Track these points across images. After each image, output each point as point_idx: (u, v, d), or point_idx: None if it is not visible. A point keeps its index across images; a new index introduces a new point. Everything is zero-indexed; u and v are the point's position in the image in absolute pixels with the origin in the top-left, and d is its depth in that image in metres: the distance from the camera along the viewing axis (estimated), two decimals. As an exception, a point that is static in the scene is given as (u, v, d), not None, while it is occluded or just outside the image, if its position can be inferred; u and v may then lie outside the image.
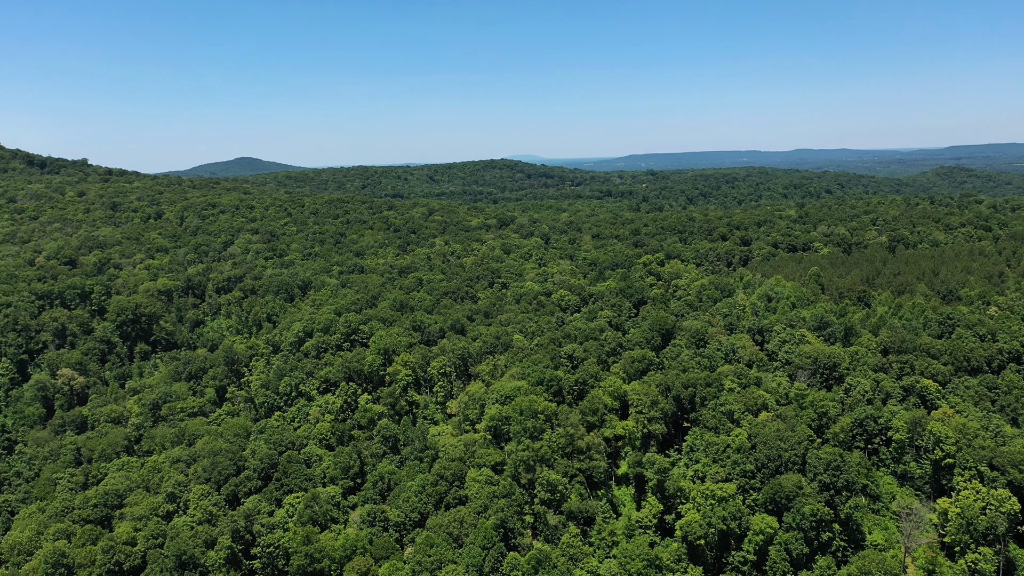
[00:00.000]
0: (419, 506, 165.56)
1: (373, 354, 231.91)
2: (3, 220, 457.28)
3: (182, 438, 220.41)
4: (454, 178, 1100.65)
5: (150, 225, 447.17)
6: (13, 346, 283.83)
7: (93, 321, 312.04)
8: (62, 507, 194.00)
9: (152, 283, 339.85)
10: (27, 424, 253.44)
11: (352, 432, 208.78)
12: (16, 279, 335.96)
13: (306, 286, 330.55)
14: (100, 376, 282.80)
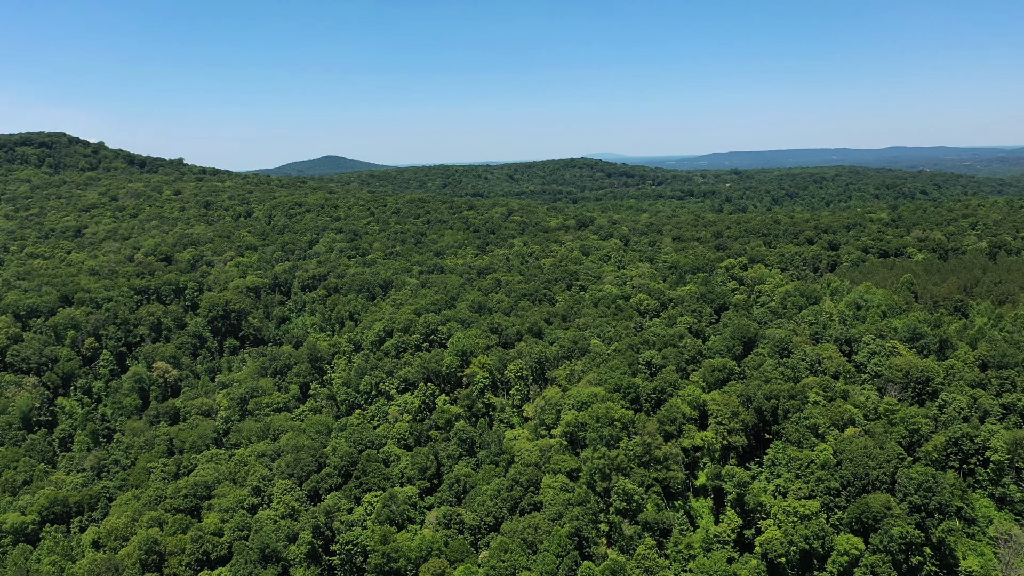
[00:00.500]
0: (494, 510, 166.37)
1: (451, 355, 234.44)
2: (106, 218, 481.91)
3: (267, 433, 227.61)
4: (534, 177, 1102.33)
5: (240, 223, 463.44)
6: (113, 339, 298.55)
7: (186, 316, 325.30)
8: (155, 496, 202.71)
9: (241, 280, 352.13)
10: (125, 414, 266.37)
11: (430, 433, 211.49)
12: (117, 275, 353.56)
13: (387, 285, 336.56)
14: (192, 369, 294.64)
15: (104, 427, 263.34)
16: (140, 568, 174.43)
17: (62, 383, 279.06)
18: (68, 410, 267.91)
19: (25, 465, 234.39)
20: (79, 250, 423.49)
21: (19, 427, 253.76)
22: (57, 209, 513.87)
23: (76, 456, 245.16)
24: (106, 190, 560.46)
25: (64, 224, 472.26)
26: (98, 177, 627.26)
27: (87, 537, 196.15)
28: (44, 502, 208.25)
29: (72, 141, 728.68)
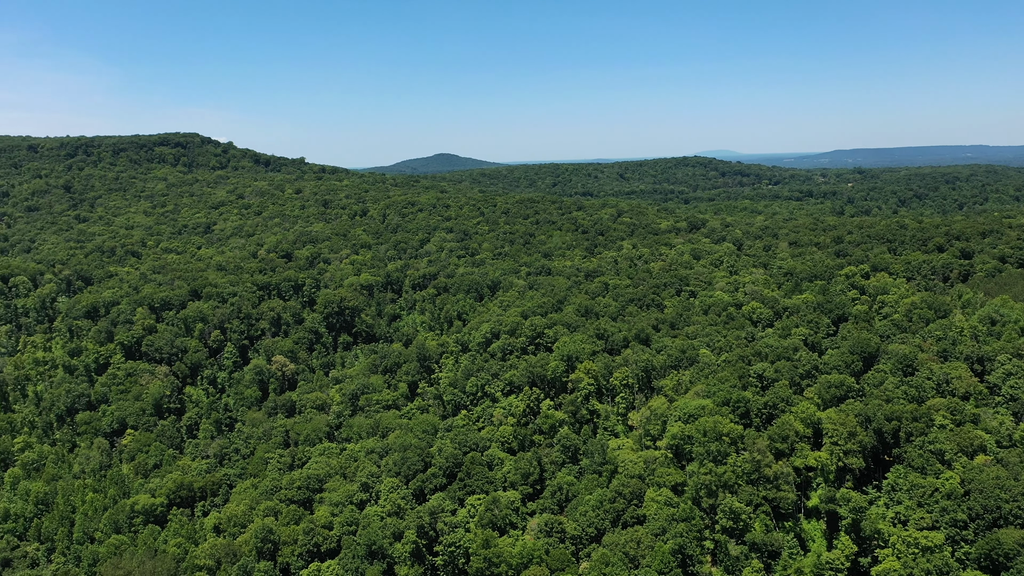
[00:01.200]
0: (596, 521, 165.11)
1: (556, 360, 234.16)
2: (233, 215, 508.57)
3: (376, 429, 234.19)
4: (644, 176, 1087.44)
5: (356, 222, 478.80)
6: (237, 332, 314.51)
7: (304, 312, 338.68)
8: (271, 486, 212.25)
9: (356, 278, 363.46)
10: (246, 405, 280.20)
11: (533, 438, 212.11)
12: (241, 271, 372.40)
13: (495, 286, 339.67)
14: (308, 364, 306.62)
15: (227, 416, 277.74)
16: (256, 555, 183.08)
17: (190, 373, 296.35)
18: (195, 399, 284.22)
19: (156, 450, 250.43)
20: (208, 246, 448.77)
21: (151, 413, 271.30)
22: (189, 206, 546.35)
23: (201, 443, 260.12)
24: (234, 188, 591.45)
25: (195, 221, 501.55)
26: (227, 176, 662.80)
27: (209, 521, 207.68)
28: (172, 486, 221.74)
29: (204, 141, 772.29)
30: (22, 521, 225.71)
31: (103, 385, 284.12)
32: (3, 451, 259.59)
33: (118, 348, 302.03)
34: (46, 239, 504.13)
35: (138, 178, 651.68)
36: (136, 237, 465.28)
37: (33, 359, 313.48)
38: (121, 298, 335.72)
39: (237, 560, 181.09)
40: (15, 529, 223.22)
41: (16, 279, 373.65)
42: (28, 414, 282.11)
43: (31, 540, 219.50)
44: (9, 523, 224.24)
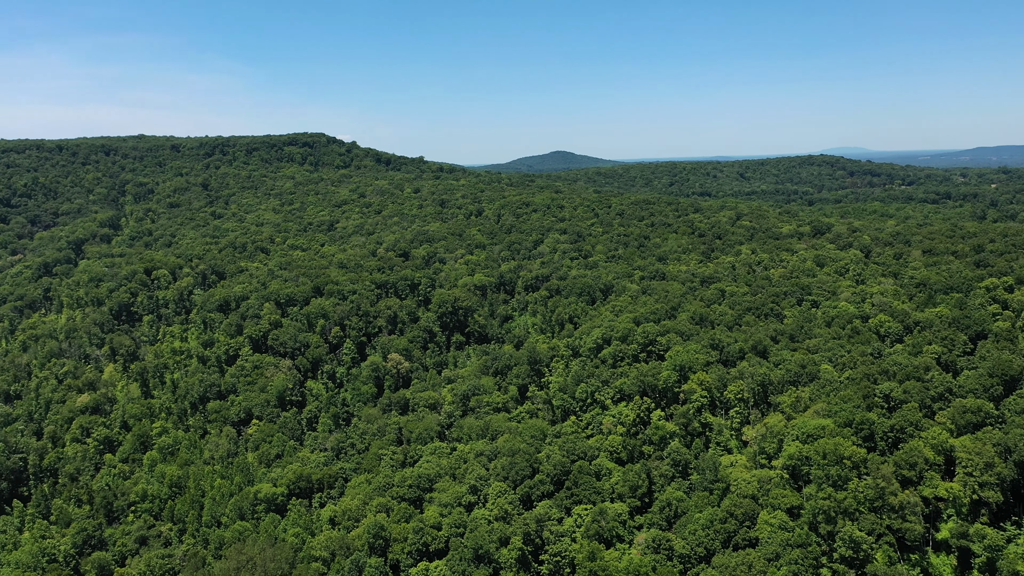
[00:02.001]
0: (706, 541, 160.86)
1: (669, 369, 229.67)
2: (355, 213, 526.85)
3: (486, 432, 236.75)
4: (766, 175, 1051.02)
5: (471, 222, 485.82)
6: (356, 329, 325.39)
7: (419, 311, 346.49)
8: (384, 482, 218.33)
9: (469, 278, 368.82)
10: (362, 400, 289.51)
11: (643, 449, 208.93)
12: (361, 268, 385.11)
13: (607, 290, 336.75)
14: (422, 362, 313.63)
15: (344, 411, 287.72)
16: (368, 550, 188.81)
17: (311, 367, 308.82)
18: (315, 392, 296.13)
19: (278, 440, 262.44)
20: (331, 243, 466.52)
21: (275, 405, 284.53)
22: (315, 204, 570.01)
23: (320, 436, 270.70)
24: (356, 187, 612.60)
25: (320, 218, 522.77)
26: (350, 175, 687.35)
27: (325, 513, 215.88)
28: (292, 477, 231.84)
29: (330, 140, 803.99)
30: (158, 502, 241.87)
31: (232, 376, 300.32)
32: (143, 435, 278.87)
33: (246, 341, 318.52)
34: (185, 234, 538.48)
35: (268, 176, 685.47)
36: (265, 234, 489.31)
37: (171, 348, 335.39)
38: (250, 293, 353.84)
39: (350, 554, 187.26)
40: (151, 509, 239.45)
41: (158, 272, 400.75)
42: (165, 400, 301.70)
43: (165, 520, 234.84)
44: (146, 503, 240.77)
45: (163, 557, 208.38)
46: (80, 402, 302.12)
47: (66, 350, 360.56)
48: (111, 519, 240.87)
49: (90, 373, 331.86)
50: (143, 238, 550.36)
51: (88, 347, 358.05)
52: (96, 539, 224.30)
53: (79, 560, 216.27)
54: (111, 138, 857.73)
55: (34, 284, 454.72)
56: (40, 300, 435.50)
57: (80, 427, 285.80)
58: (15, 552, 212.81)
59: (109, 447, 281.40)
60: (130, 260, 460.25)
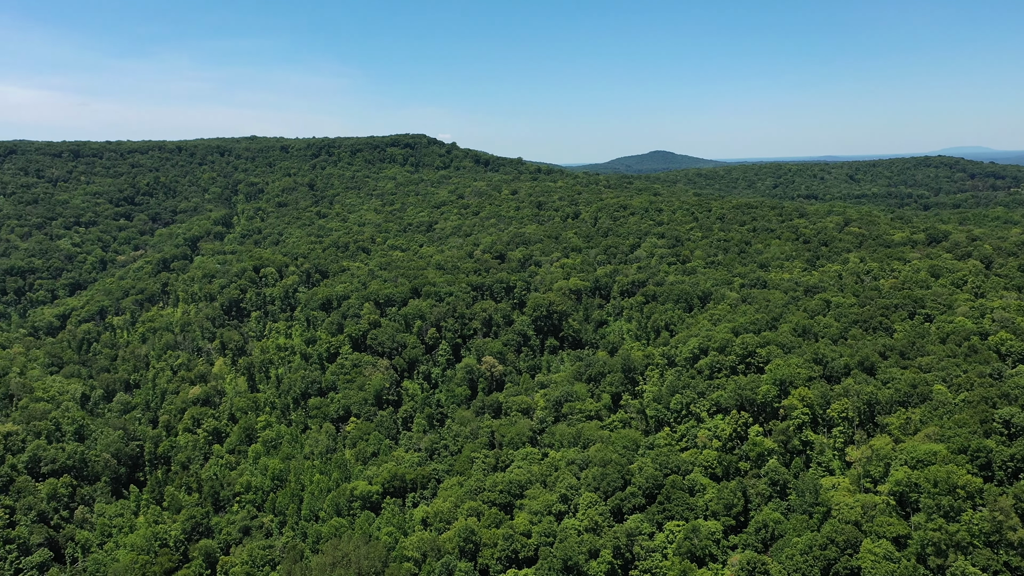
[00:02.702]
0: (804, 567, 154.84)
1: (768, 383, 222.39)
2: (453, 215, 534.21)
3: (578, 440, 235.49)
4: (878, 178, 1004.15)
5: (568, 224, 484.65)
6: (451, 331, 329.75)
7: (514, 314, 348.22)
8: (476, 486, 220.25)
9: (565, 282, 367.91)
10: (456, 402, 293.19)
11: (739, 465, 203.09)
12: (458, 270, 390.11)
13: (706, 297, 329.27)
14: (515, 366, 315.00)
15: (438, 412, 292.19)
16: (458, 554, 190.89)
17: (407, 367, 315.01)
18: (411, 392, 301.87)
19: (375, 439, 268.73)
20: (429, 244, 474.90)
21: (372, 403, 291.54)
22: (414, 205, 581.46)
23: (414, 436, 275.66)
24: (455, 188, 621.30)
25: (419, 219, 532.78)
26: (449, 176, 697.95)
27: (418, 514, 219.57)
28: (386, 475, 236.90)
29: (430, 142, 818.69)
30: (260, 494, 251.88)
31: (332, 374, 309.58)
32: (249, 427, 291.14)
33: (347, 340, 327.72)
34: (292, 232, 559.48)
35: (371, 177, 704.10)
36: (367, 234, 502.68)
37: (276, 345, 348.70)
38: (351, 292, 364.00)
39: (441, 557, 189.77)
40: (255, 500, 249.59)
41: (266, 270, 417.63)
42: (270, 395, 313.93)
43: (267, 512, 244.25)
44: (250, 494, 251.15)
45: (264, 548, 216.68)
46: (192, 394, 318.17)
47: (180, 343, 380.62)
48: (218, 508, 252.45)
49: (201, 366, 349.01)
50: (253, 236, 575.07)
51: (200, 341, 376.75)
52: (204, 527, 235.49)
53: (188, 546, 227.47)
54: (226, 139, 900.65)
55: (153, 279, 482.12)
56: (158, 294, 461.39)
57: (192, 418, 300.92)
58: (131, 535, 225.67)
59: (217, 438, 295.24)
60: (240, 258, 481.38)
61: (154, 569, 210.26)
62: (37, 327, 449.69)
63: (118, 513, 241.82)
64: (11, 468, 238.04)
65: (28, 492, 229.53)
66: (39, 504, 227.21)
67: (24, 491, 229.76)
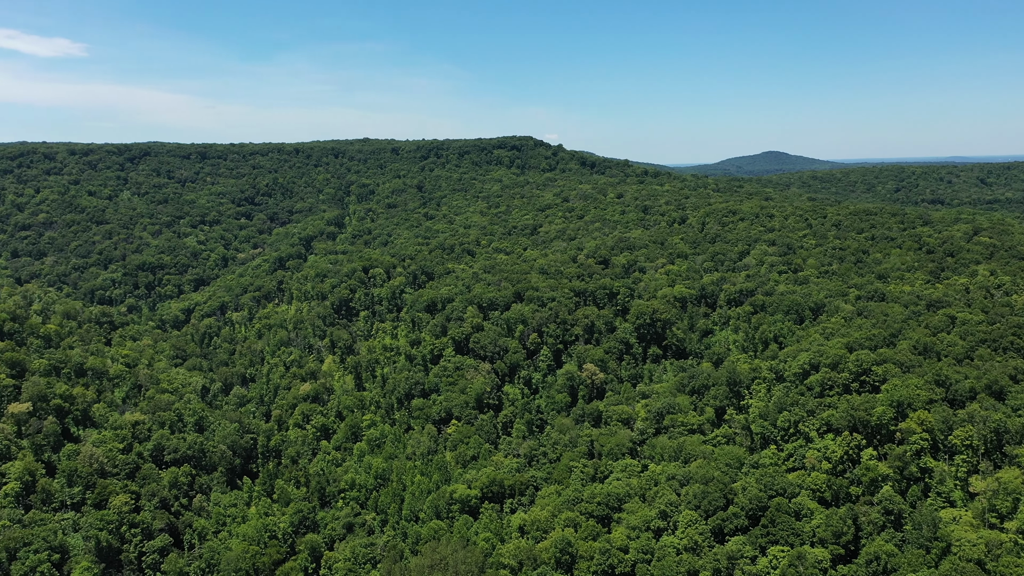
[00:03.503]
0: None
1: (884, 404, 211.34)
2: (557, 218, 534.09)
3: (679, 454, 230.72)
4: (1013, 181, 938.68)
5: (674, 230, 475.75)
6: (553, 336, 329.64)
7: (616, 321, 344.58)
8: (574, 496, 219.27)
9: (669, 289, 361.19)
10: (555, 409, 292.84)
11: (850, 490, 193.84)
12: (561, 275, 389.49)
13: (818, 309, 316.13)
14: (617, 374, 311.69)
15: (538, 418, 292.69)
16: (554, 564, 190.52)
17: (509, 372, 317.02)
18: (511, 397, 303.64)
19: (475, 442, 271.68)
20: (533, 247, 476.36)
21: (473, 406, 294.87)
22: (519, 208, 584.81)
23: (514, 441, 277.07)
24: (560, 191, 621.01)
25: (523, 222, 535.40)
26: (555, 178, 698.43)
27: (515, 521, 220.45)
28: (485, 480, 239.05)
29: (537, 144, 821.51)
30: (364, 491, 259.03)
31: (435, 376, 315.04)
32: (355, 425, 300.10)
33: (450, 342, 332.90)
34: (400, 233, 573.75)
35: (477, 179, 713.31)
36: (472, 236, 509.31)
37: (382, 345, 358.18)
38: (455, 295, 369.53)
39: (537, 566, 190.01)
40: (358, 498, 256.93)
41: (374, 271, 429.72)
42: (375, 394, 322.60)
43: (369, 510, 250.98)
44: (354, 491, 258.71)
45: (366, 546, 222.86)
46: (303, 390, 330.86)
47: (293, 340, 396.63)
48: (324, 503, 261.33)
49: (312, 363, 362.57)
50: (363, 236, 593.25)
51: (312, 338, 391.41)
52: (310, 521, 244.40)
53: (295, 539, 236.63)
54: (340, 141, 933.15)
55: (270, 276, 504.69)
56: (274, 291, 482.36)
57: (302, 413, 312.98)
58: (243, 525, 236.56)
59: (325, 434, 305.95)
60: (351, 258, 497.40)
61: (263, 560, 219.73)
62: (164, 320, 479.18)
63: (232, 503, 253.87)
64: (137, 456, 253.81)
65: (152, 479, 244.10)
66: (161, 491, 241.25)
67: (149, 478, 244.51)
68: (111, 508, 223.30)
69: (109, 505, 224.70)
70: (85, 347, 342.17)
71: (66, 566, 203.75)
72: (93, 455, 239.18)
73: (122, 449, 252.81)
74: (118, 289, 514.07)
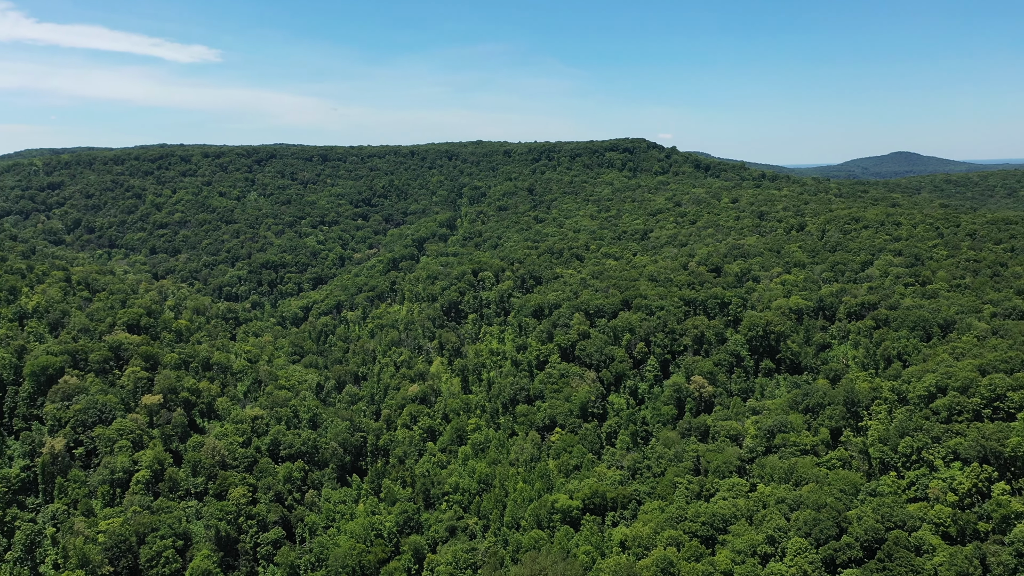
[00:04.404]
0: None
1: (1021, 435, 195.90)
2: (669, 223, 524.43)
3: (790, 476, 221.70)
4: None
5: (791, 237, 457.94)
6: (660, 346, 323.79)
7: (727, 331, 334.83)
8: (677, 513, 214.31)
9: (784, 300, 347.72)
10: (661, 421, 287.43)
11: (978, 526, 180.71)
12: (671, 283, 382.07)
13: (948, 326, 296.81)
14: (726, 387, 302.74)
15: (643, 429, 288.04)
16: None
17: (614, 381, 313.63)
18: (616, 407, 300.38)
19: (578, 452, 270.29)
20: (643, 253, 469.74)
21: (577, 415, 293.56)
22: (630, 212, 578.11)
23: (617, 453, 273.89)
24: (672, 195, 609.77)
25: (634, 227, 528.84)
26: (667, 182, 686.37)
27: (616, 535, 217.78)
28: (587, 491, 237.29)
29: (650, 146, 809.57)
30: (467, 495, 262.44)
31: (540, 382, 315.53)
32: (460, 428, 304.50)
33: (556, 349, 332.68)
34: (510, 236, 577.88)
35: (588, 182, 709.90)
36: (581, 240, 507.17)
37: (489, 349, 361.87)
38: (563, 301, 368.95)
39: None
40: (461, 501, 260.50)
41: (483, 274, 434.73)
42: (481, 398, 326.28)
43: (472, 514, 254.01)
44: (457, 495, 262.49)
45: (468, 551, 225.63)
46: (411, 391, 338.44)
47: (404, 340, 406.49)
48: (428, 504, 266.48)
49: (421, 364, 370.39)
50: (474, 239, 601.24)
51: (421, 339, 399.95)
52: (414, 522, 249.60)
53: (399, 539, 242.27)
54: (453, 143, 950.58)
55: (384, 277, 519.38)
56: (387, 292, 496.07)
57: (409, 414, 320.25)
58: (351, 523, 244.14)
59: (431, 436, 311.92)
60: (461, 260, 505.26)
61: (369, 558, 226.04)
62: (285, 317, 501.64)
63: (341, 500, 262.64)
64: (256, 450, 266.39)
65: (268, 473, 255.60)
66: (276, 485, 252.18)
67: (265, 472, 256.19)
68: (230, 499, 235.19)
69: (228, 496, 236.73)
70: (212, 342, 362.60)
71: (188, 552, 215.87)
72: (215, 447, 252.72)
73: (242, 443, 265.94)
74: (243, 286, 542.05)
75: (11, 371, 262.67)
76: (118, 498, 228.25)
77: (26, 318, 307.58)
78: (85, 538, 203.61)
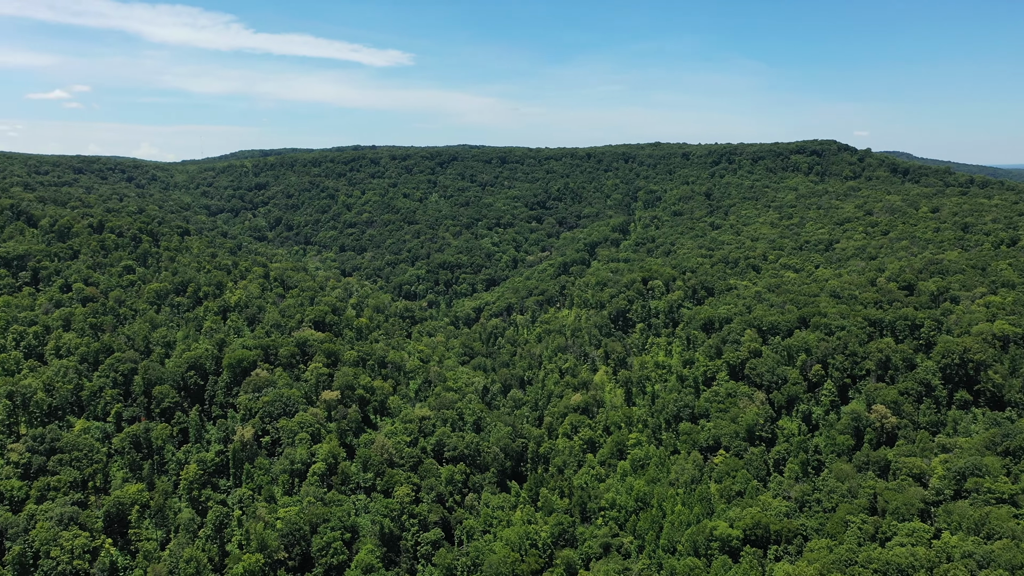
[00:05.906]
0: None
1: None
2: (857, 233, 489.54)
3: (981, 527, 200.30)
4: None
5: (1000, 253, 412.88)
6: (839, 370, 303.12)
7: (917, 357, 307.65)
8: (847, 556, 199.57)
9: (988, 324, 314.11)
10: (836, 452, 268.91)
11: None
12: (855, 300, 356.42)
13: None
14: (912, 419, 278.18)
15: (815, 458, 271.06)
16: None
17: (786, 404, 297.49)
18: (787, 432, 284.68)
19: (742, 477, 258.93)
20: (826, 265, 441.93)
21: (743, 438, 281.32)
22: (814, 220, 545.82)
23: (785, 482, 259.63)
24: (863, 202, 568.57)
25: (817, 237, 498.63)
26: (858, 187, 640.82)
27: (778, 571, 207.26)
28: (750, 521, 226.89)
29: (840, 149, 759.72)
30: (624, 512, 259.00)
31: (706, 400, 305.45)
32: (620, 442, 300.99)
33: (724, 366, 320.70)
34: (683, 243, 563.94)
35: (770, 187, 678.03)
36: (759, 250, 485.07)
37: (655, 361, 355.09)
38: (734, 315, 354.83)
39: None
40: (617, 518, 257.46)
41: (653, 282, 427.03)
42: (643, 413, 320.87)
43: (627, 532, 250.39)
44: (614, 511, 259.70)
45: (621, 572, 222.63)
46: (574, 400, 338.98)
47: (570, 346, 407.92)
48: (584, 518, 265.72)
49: (585, 373, 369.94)
50: (646, 244, 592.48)
51: (587, 347, 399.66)
52: (569, 535, 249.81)
53: (553, 550, 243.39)
54: (630, 145, 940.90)
55: (554, 281, 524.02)
56: (557, 296, 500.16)
57: (571, 424, 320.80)
58: (507, 530, 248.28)
59: (591, 447, 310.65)
60: (631, 267, 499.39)
61: (522, 567, 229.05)
62: (458, 316, 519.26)
63: (500, 505, 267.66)
64: (421, 450, 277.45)
65: (432, 474, 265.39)
66: (439, 486, 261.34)
67: (429, 472, 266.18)
68: (395, 497, 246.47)
69: (394, 494, 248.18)
70: (388, 340, 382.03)
71: (355, 545, 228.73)
72: (384, 445, 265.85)
73: (408, 442, 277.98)
74: (421, 285, 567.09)
75: (213, 362, 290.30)
76: (296, 487, 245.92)
77: (229, 311, 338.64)
78: (265, 523, 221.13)
